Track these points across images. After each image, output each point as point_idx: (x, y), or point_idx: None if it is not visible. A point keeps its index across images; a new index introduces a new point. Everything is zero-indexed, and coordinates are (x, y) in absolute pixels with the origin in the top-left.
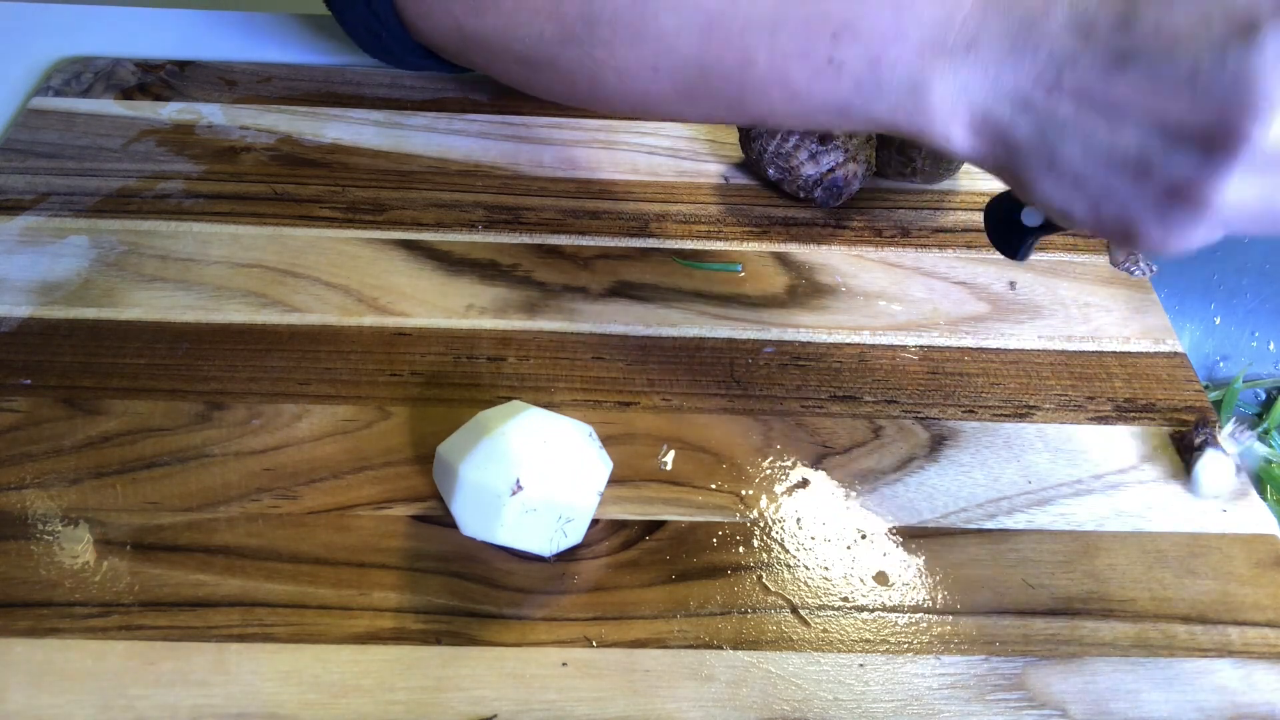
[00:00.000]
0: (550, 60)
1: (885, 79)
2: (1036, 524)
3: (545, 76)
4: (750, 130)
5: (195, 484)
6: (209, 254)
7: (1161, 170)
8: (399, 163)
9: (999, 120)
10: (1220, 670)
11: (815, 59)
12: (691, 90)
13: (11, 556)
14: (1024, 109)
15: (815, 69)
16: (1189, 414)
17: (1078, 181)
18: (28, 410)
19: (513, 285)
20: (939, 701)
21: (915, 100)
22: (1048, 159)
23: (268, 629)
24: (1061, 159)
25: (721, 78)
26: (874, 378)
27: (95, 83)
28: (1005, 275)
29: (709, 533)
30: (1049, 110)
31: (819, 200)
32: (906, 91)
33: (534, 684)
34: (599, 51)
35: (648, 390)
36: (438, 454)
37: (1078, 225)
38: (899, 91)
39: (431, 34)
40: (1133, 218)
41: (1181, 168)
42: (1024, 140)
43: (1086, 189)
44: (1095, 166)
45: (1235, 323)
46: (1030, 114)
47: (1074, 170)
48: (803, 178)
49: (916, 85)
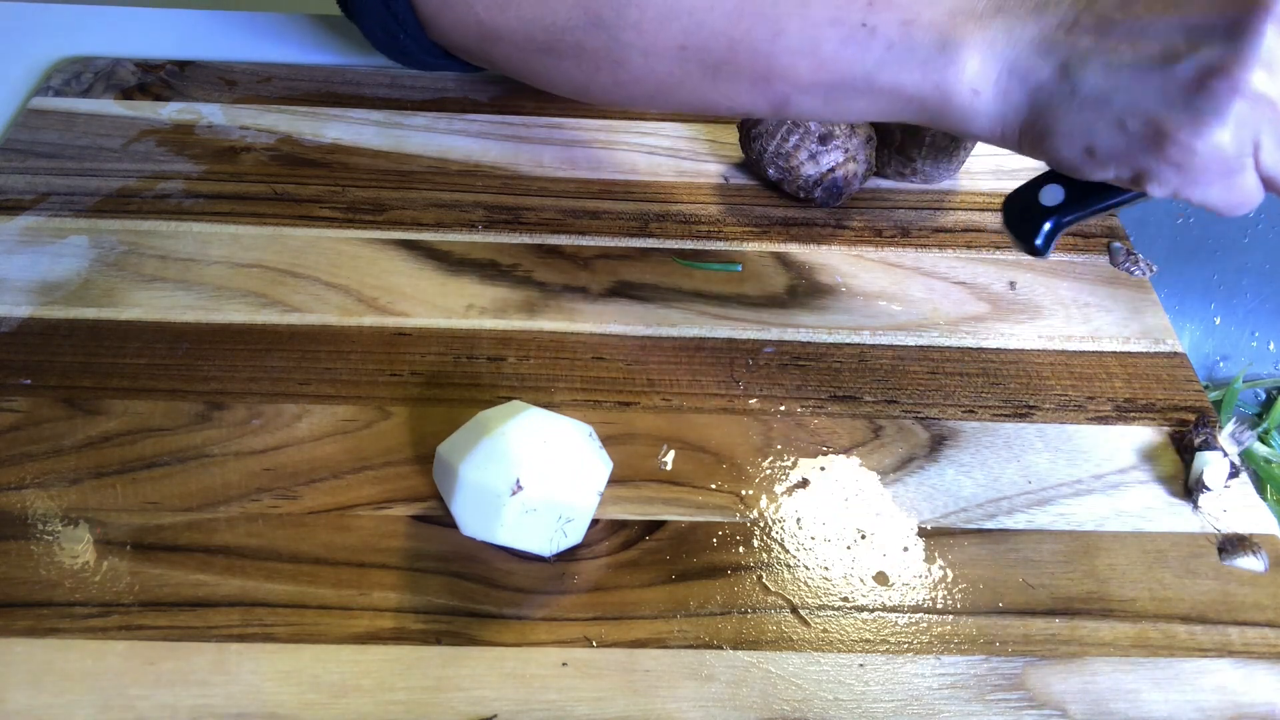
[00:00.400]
0: (575, 48)
1: (917, 40)
2: (1036, 524)
3: (567, 66)
4: (750, 130)
5: (195, 484)
6: (209, 254)
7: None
8: (399, 163)
9: (1023, 69)
10: (1220, 670)
11: (849, 24)
12: (716, 69)
13: (11, 556)
14: (1047, 52)
15: (848, 34)
16: (1189, 414)
17: (1101, 102)
18: (28, 410)
19: (513, 285)
20: (939, 701)
21: (945, 60)
22: (1070, 89)
23: (268, 629)
24: (1084, 84)
25: (750, 50)
26: (874, 378)
27: (95, 83)
28: (1005, 275)
29: (709, 533)
30: (1071, 45)
31: (819, 200)
32: (938, 51)
33: (534, 684)
34: (627, 34)
35: (648, 390)
36: (438, 454)
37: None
38: (929, 51)
39: (450, 31)
40: (1161, 119)
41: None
42: (1047, 80)
43: (1110, 107)
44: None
45: (1235, 323)
46: (1053, 54)
47: (1097, 91)
48: (803, 178)
49: (947, 45)
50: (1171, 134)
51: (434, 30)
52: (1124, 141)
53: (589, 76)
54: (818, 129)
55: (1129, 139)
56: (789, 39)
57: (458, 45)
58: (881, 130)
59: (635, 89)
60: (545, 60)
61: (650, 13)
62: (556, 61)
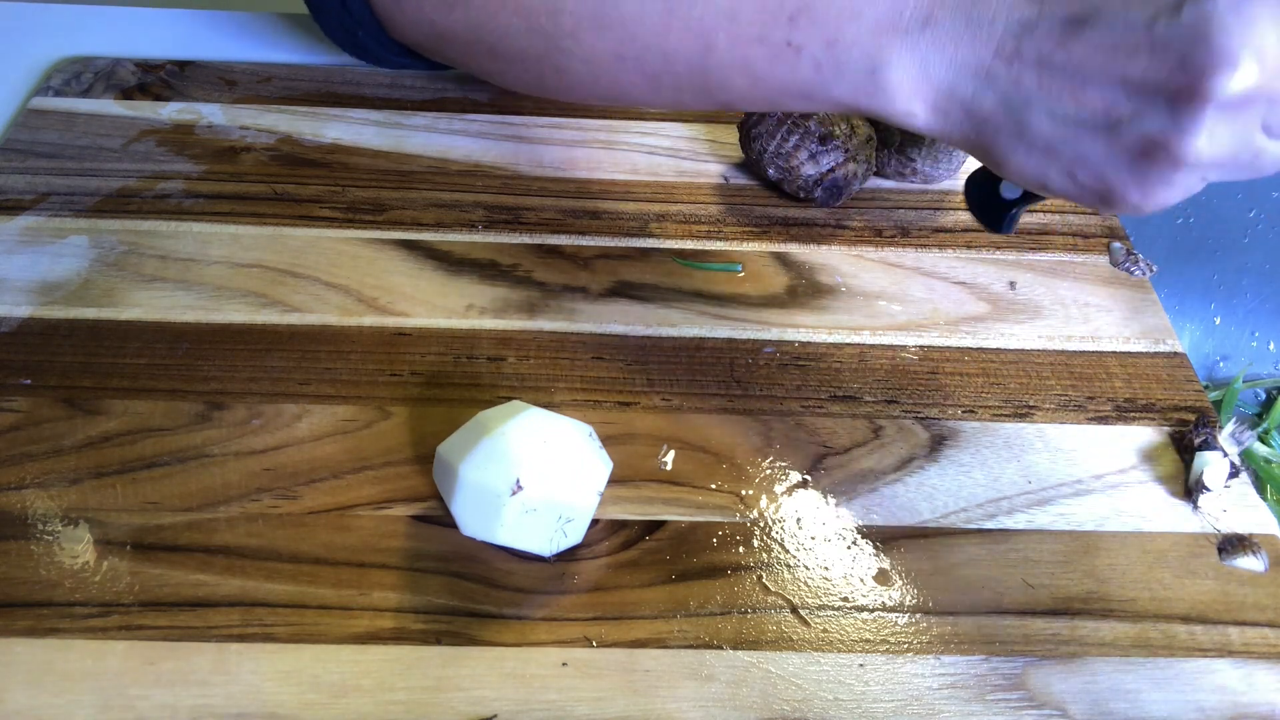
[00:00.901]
0: (519, 53)
1: (843, 60)
2: (1036, 524)
3: (516, 69)
4: (750, 130)
5: (195, 484)
6: (209, 254)
7: (1131, 129)
8: (399, 163)
9: (962, 96)
10: (1220, 670)
11: (774, 42)
12: (658, 78)
13: (11, 556)
14: (986, 82)
15: (774, 53)
16: (1189, 414)
17: (1049, 150)
18: (28, 410)
19: (513, 285)
20: (939, 701)
21: (875, 80)
22: (1016, 130)
23: (268, 629)
24: (1030, 129)
25: (684, 64)
26: (874, 378)
27: (95, 83)
28: (1005, 275)
29: (709, 533)
30: (1012, 80)
31: (819, 200)
32: (866, 73)
33: (534, 684)
34: (564, 42)
35: (648, 390)
36: (438, 454)
37: (1055, 194)
38: (858, 72)
39: (406, 31)
40: (1109, 181)
41: (1151, 124)
42: (990, 113)
43: (1059, 156)
44: (1065, 133)
45: (1235, 323)
46: (993, 87)
47: (1044, 139)
48: (803, 178)
49: (875, 65)
50: (1121, 195)
51: (391, 28)
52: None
53: (537, 79)
54: (818, 129)
55: (1079, 187)
56: (719, 55)
57: (415, 43)
58: (881, 130)
59: (585, 92)
60: (495, 63)
61: (584, 22)
62: (505, 64)
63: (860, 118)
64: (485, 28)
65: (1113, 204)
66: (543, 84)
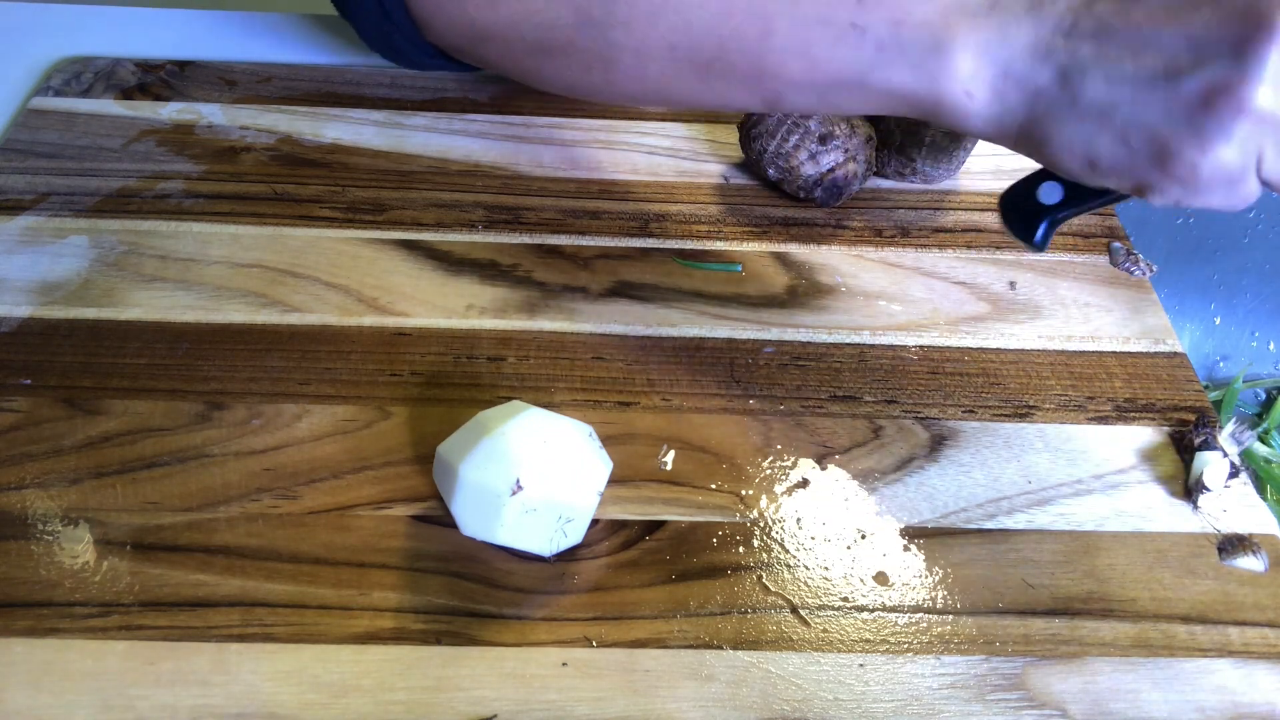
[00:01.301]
0: (566, 46)
1: (908, 41)
2: (1036, 524)
3: (559, 65)
4: (750, 130)
5: (195, 484)
6: (209, 254)
7: (1192, 79)
8: (399, 163)
9: (1020, 74)
10: (1220, 670)
11: (838, 24)
12: (708, 68)
13: (11, 556)
14: (1045, 57)
15: (838, 34)
16: (1189, 414)
17: (1103, 115)
18: (28, 410)
19: (513, 285)
20: (939, 701)
21: (938, 61)
22: (1070, 100)
23: (268, 629)
24: (1085, 95)
25: (739, 51)
26: (874, 378)
27: (95, 83)
28: (1005, 275)
29: (709, 533)
30: (1069, 52)
31: (819, 200)
32: (930, 52)
33: (534, 684)
34: (616, 33)
35: (648, 390)
36: (438, 454)
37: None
38: (921, 53)
39: (444, 31)
40: (1165, 138)
41: (1213, 71)
42: (1045, 87)
43: (1112, 121)
44: (1121, 94)
45: (1235, 323)
46: (1051, 60)
47: (1099, 104)
48: (803, 178)
49: (940, 46)
50: (1176, 152)
51: (428, 30)
52: (1126, 156)
53: (581, 75)
54: (818, 129)
55: (1132, 154)
56: (779, 38)
57: (451, 45)
58: (881, 130)
59: (628, 87)
60: (537, 59)
61: (639, 11)
62: (548, 60)
63: (861, 117)
64: (531, 22)
65: (1167, 166)
66: (587, 79)
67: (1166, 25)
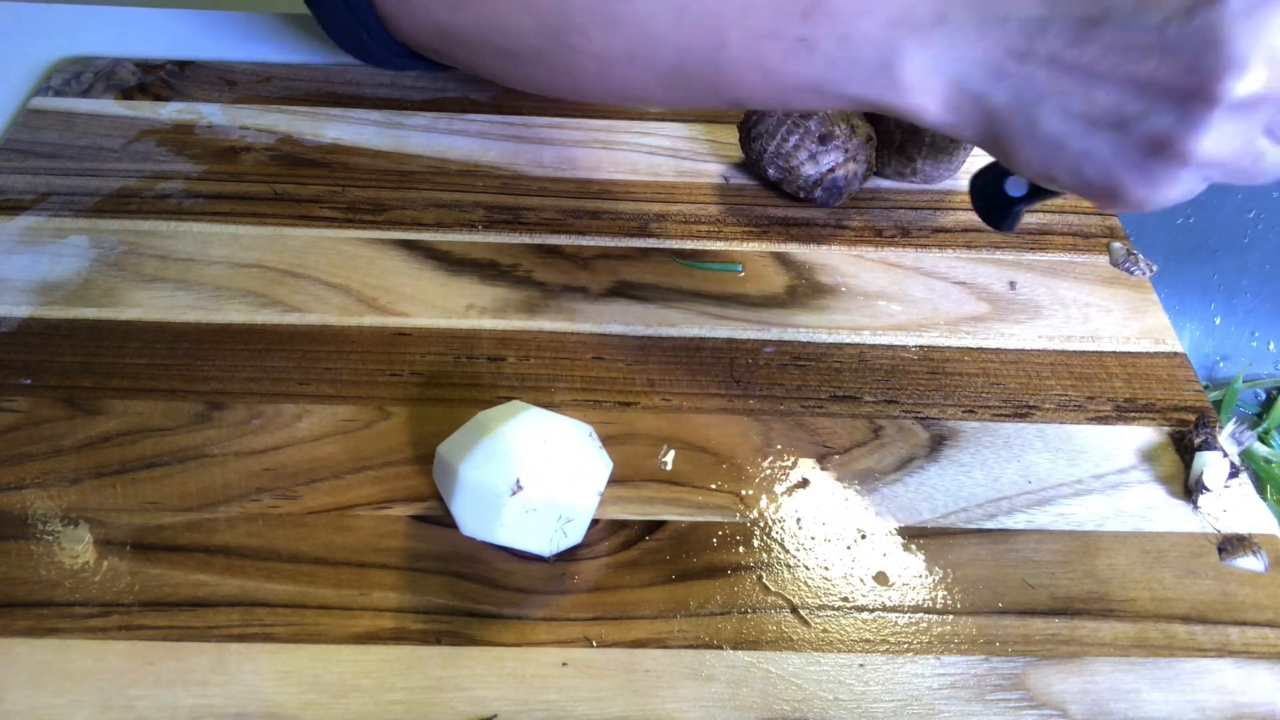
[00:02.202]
0: (529, 52)
1: (856, 55)
2: (1036, 524)
3: (526, 69)
4: (750, 130)
5: (195, 484)
6: (209, 254)
7: (1139, 126)
8: (399, 163)
9: (974, 91)
10: (1220, 670)
11: (787, 38)
12: (670, 76)
13: (11, 556)
14: (998, 78)
15: (787, 48)
16: (1189, 414)
17: (1058, 145)
18: (28, 410)
19: (513, 285)
20: (939, 701)
21: (888, 75)
22: (1026, 125)
23: (268, 629)
24: (1040, 124)
25: (697, 61)
26: (874, 378)
27: (95, 83)
28: (1005, 275)
29: (709, 533)
30: (1023, 77)
31: (819, 200)
32: (878, 67)
33: (534, 684)
34: (575, 40)
35: (648, 390)
36: (438, 454)
37: (1062, 189)
38: (870, 67)
39: (411, 32)
40: (1115, 176)
41: (1159, 122)
42: (1001, 108)
43: (1067, 152)
44: (1073, 129)
45: (1235, 323)
46: (1005, 83)
47: (1053, 134)
48: (803, 178)
49: (888, 61)
50: (1125, 190)
51: (395, 30)
52: (1080, 183)
53: (548, 78)
54: (818, 129)
55: (1086, 182)
56: (732, 50)
57: (420, 44)
58: (881, 130)
59: (596, 90)
60: (503, 62)
61: (596, 20)
62: (515, 64)
63: (861, 117)
64: (494, 27)
65: (1117, 200)
66: (553, 82)
67: (1118, 68)
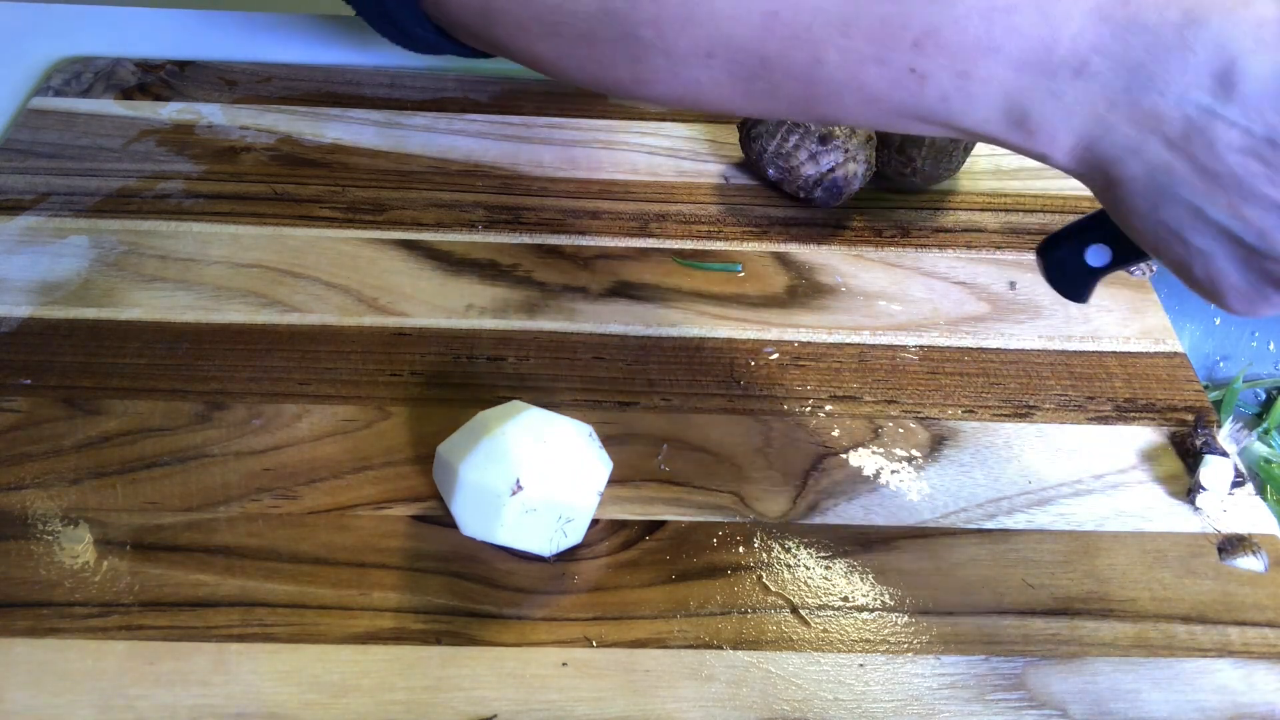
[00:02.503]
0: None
1: (976, 94)
2: (1036, 524)
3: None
4: (750, 130)
5: (195, 484)
6: (209, 254)
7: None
8: (399, 163)
9: (1106, 155)
10: (1220, 670)
11: (895, 66)
12: (751, 82)
13: (11, 556)
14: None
15: (895, 77)
16: (1189, 414)
17: (1176, 235)
18: (28, 410)
19: (513, 285)
20: (939, 701)
21: (1010, 119)
22: (1153, 205)
23: (268, 629)
24: (1168, 213)
25: (785, 73)
26: (874, 378)
27: (95, 83)
28: (1005, 275)
29: (709, 533)
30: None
31: (819, 200)
32: (1001, 110)
33: (534, 684)
34: (644, 30)
35: (648, 390)
36: (438, 454)
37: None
38: (992, 108)
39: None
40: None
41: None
42: (1130, 181)
43: (1184, 243)
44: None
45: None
46: (1142, 160)
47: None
48: (803, 178)
49: (1014, 105)
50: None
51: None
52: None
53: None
54: (817, 129)
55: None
56: (829, 69)
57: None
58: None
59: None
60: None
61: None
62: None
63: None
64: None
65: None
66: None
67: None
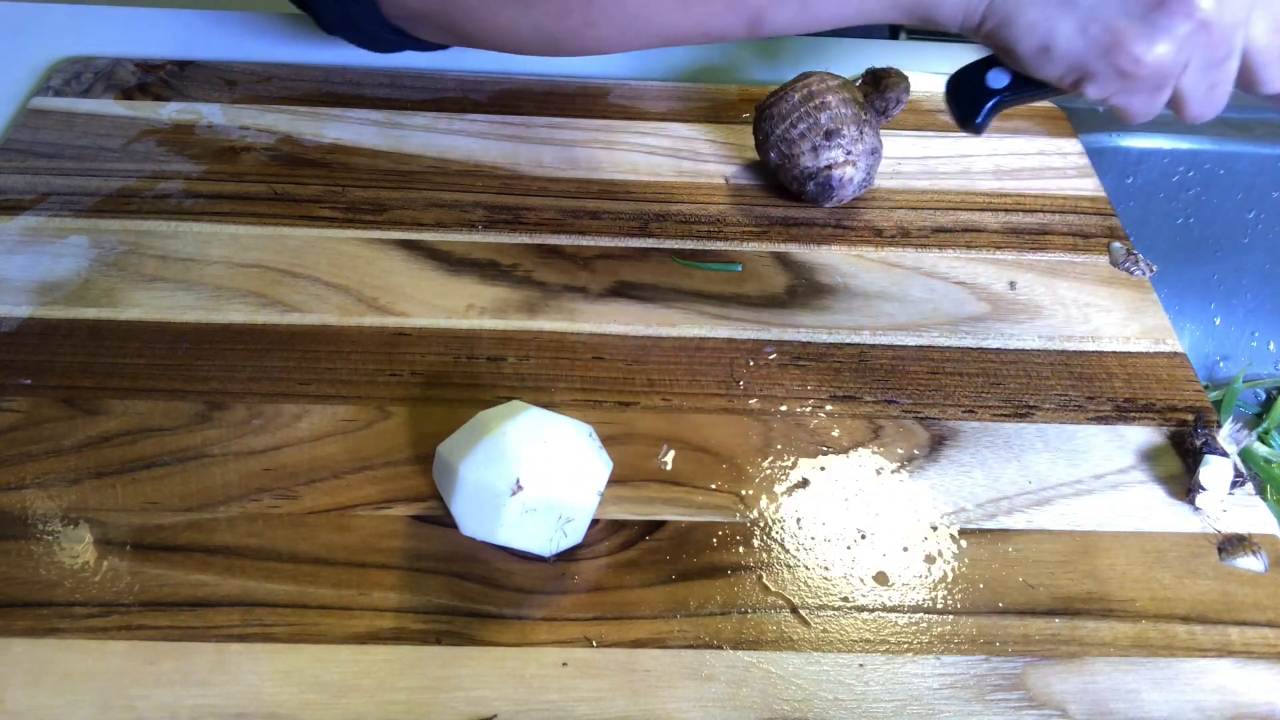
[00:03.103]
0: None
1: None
2: (1036, 524)
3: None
4: (767, 109)
5: (195, 484)
6: (209, 254)
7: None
8: (399, 163)
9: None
10: (1220, 670)
11: None
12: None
13: (11, 556)
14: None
15: None
16: (1189, 414)
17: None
18: (28, 410)
19: (513, 285)
20: (939, 701)
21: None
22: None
23: (268, 629)
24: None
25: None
26: (874, 378)
27: (95, 83)
28: (1005, 275)
29: (709, 533)
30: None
31: (809, 195)
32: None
33: (534, 684)
34: None
35: (648, 390)
36: (438, 454)
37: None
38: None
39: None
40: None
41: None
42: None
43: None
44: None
45: (1235, 323)
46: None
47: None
48: (799, 168)
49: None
50: (1126, 45)
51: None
52: (1081, 44)
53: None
54: (827, 123)
55: (1086, 42)
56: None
57: (419, 15)
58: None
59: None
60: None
61: None
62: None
63: (872, 127)
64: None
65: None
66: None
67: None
